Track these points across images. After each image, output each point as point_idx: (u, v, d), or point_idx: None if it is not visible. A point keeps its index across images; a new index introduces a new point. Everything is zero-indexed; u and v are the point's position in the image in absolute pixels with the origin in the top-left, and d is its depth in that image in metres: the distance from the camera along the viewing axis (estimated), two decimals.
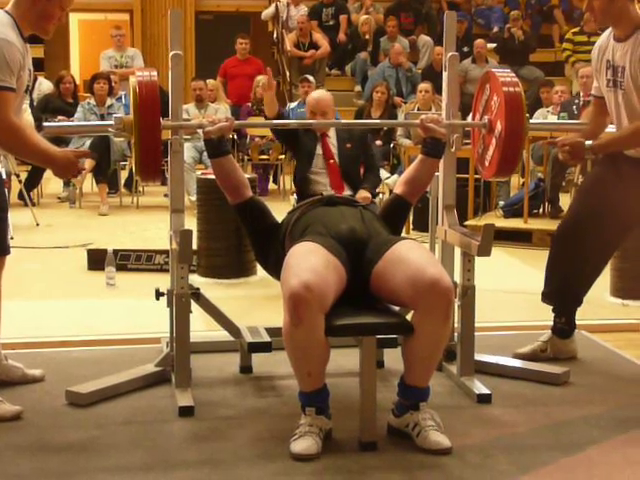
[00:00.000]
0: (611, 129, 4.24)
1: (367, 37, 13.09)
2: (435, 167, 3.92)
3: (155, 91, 3.51)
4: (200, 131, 3.77)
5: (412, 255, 3.32)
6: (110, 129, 3.65)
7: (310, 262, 3.22)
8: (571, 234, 4.17)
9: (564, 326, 4.30)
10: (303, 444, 3.16)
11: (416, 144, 7.93)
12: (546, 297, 4.30)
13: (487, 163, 3.90)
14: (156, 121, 3.48)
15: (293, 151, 5.41)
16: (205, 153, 9.05)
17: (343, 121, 4.70)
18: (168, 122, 3.76)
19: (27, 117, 8.50)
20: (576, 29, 12.56)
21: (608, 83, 4.04)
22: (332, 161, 5.24)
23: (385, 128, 9.75)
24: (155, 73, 3.61)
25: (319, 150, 5.10)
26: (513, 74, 3.90)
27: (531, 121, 3.88)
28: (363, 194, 5.21)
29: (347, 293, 3.30)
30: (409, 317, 3.32)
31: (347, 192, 4.76)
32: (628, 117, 3.97)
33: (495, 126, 3.79)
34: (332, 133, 5.30)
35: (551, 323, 4.35)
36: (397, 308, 3.46)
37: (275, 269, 3.57)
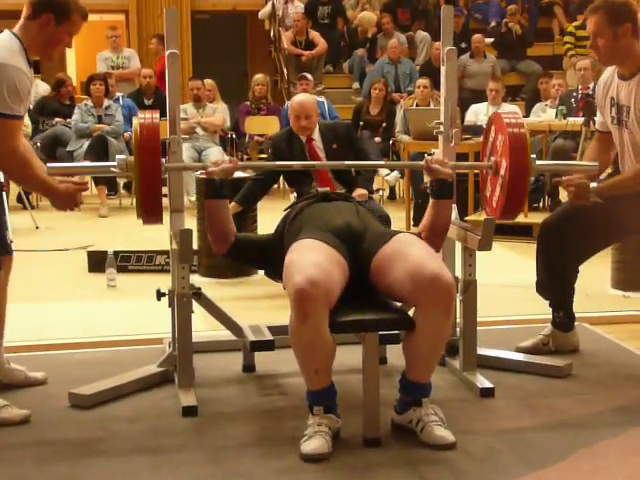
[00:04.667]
0: None
1: (369, 35, 13.09)
2: (449, 208, 3.74)
3: (156, 134, 3.48)
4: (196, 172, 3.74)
5: (411, 249, 3.31)
6: (113, 169, 3.63)
7: (313, 257, 3.22)
8: (556, 228, 4.14)
9: (563, 319, 4.30)
10: (313, 444, 3.14)
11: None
12: (538, 287, 4.31)
13: (494, 205, 3.82)
14: (157, 165, 3.47)
15: (285, 172, 5.51)
16: (204, 152, 9.11)
17: (348, 162, 4.60)
18: (170, 164, 3.75)
19: (25, 121, 8.54)
20: (578, 23, 12.51)
21: (613, 120, 3.99)
22: None
23: (384, 124, 9.74)
24: (157, 115, 3.57)
25: (308, 160, 5.20)
26: (519, 115, 3.85)
27: (537, 162, 3.82)
28: (359, 192, 5.25)
29: (347, 287, 3.29)
30: (410, 313, 3.32)
31: (341, 191, 4.78)
32: (635, 156, 3.92)
33: (500, 166, 3.73)
34: (317, 136, 5.38)
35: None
36: (398, 304, 3.45)
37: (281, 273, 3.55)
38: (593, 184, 3.89)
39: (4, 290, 3.81)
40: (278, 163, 4.86)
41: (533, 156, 3.68)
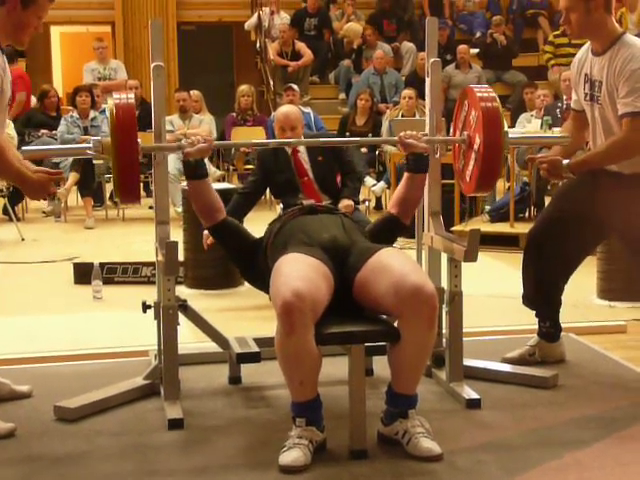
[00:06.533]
0: None
1: (355, 46, 13.12)
2: (423, 182, 3.84)
3: (132, 114, 3.49)
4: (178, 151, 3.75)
5: (394, 262, 3.32)
6: (89, 151, 3.63)
7: (300, 270, 3.23)
8: (542, 238, 4.16)
9: (550, 330, 4.30)
10: (291, 456, 3.14)
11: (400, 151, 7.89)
12: (525, 299, 4.32)
13: (468, 179, 3.89)
14: (134, 144, 3.48)
15: (271, 185, 5.51)
16: None
17: (323, 139, 4.76)
18: (148, 144, 3.75)
19: (10, 132, 8.53)
20: (558, 32, 12.61)
21: (585, 97, 4.02)
22: (306, 179, 5.33)
23: (370, 135, 9.76)
24: (132, 95, 3.60)
25: (294, 171, 5.22)
26: (491, 89, 3.90)
27: (510, 135, 3.86)
28: (345, 203, 5.25)
29: (332, 301, 3.29)
30: (395, 324, 3.32)
31: (327, 203, 4.79)
32: (604, 133, 3.95)
33: (474, 141, 3.78)
34: (302, 148, 5.37)
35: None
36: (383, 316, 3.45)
37: (262, 282, 3.57)
38: (566, 160, 3.94)
39: None
40: (255, 142, 4.91)
41: (506, 129, 3.71)
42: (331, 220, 3.67)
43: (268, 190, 6.02)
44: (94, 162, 9.07)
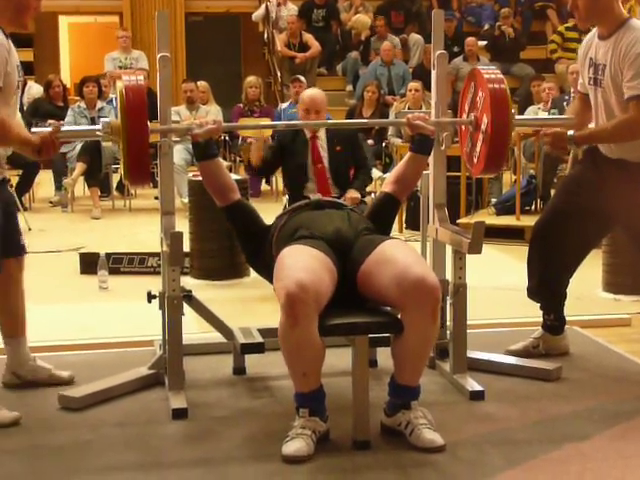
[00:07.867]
0: None
1: (362, 37, 13.11)
2: (424, 164, 3.91)
3: (142, 95, 3.51)
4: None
5: (398, 254, 3.33)
6: (98, 133, 3.64)
7: (304, 262, 3.24)
8: (547, 231, 4.16)
9: (554, 322, 4.30)
10: (293, 446, 3.15)
11: (406, 142, 7.95)
12: (530, 292, 4.32)
13: (475, 160, 3.91)
14: (143, 125, 3.48)
15: (284, 166, 5.47)
16: None
17: (331, 121, 4.75)
18: (157, 126, 3.76)
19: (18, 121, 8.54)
20: (570, 24, 12.54)
21: (589, 81, 4.02)
22: (320, 165, 5.28)
23: (377, 127, 9.77)
24: (142, 77, 3.61)
25: (309, 157, 5.19)
26: (498, 71, 3.91)
27: (516, 117, 3.88)
28: (352, 194, 5.23)
29: (336, 294, 3.30)
30: (399, 316, 3.32)
31: (336, 194, 4.78)
32: (607, 117, 3.95)
33: (481, 122, 3.80)
34: (322, 135, 5.31)
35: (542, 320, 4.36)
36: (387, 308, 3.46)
37: (267, 273, 3.59)
38: (570, 132, 3.96)
39: (22, 287, 3.86)
40: (263, 123, 4.90)
41: (512, 111, 3.73)
42: (337, 214, 3.67)
43: (274, 181, 6.02)
44: (102, 150, 9.09)
